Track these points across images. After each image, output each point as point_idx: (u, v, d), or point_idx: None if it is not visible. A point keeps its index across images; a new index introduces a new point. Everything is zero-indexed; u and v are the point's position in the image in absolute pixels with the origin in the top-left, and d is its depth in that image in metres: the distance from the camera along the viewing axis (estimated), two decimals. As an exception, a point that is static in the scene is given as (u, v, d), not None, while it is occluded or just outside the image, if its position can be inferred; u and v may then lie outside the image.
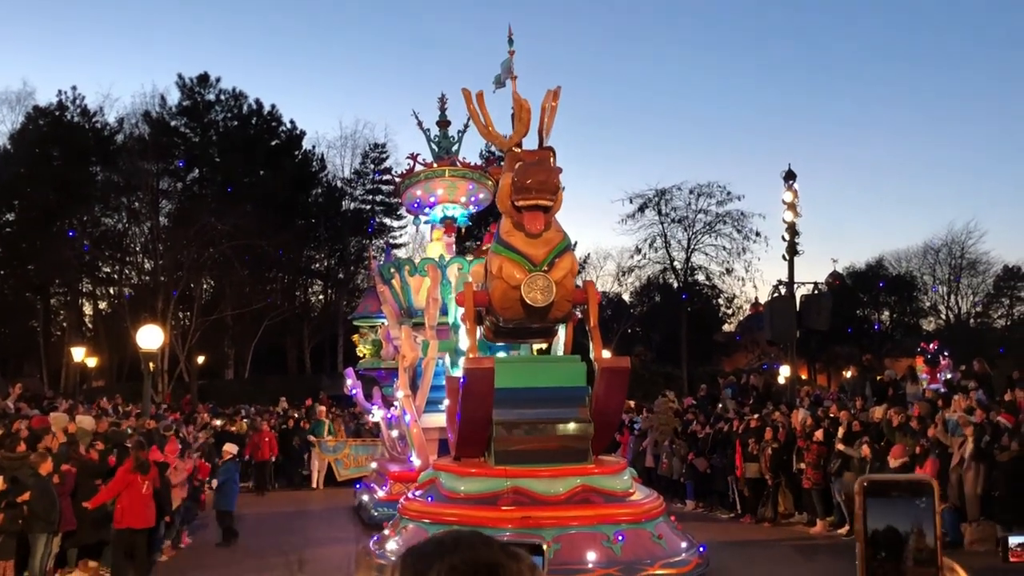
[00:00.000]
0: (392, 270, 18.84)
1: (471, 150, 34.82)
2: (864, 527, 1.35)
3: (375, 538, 11.66)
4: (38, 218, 46.44)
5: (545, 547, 1.64)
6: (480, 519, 9.35)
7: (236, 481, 16.92)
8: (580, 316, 11.00)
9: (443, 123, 20.58)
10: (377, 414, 19.62)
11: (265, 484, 24.53)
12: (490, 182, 17.30)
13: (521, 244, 9.62)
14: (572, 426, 9.84)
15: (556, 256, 9.76)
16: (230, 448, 16.93)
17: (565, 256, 9.87)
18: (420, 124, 20.45)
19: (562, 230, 10.00)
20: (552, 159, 9.73)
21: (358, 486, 20.83)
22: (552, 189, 9.25)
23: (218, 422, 26.82)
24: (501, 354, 14.67)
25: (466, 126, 20.25)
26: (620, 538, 9.42)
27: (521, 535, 8.44)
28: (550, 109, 10.06)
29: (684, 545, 10.35)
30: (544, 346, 14.23)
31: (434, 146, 20.39)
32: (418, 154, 20.18)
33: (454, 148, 20.42)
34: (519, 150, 9.95)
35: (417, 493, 11.03)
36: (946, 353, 24.86)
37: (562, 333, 11.45)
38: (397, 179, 20.62)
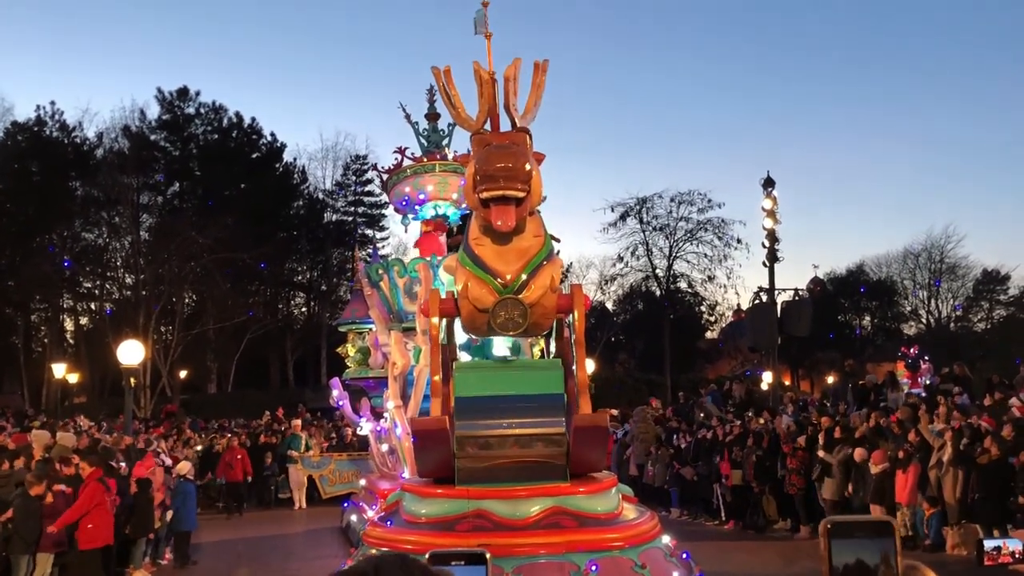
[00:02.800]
0: (380, 271, 17.65)
1: (464, 144, 34.34)
2: (829, 567, 1.37)
3: (342, 565, 10.83)
4: (18, 234, 46.21)
5: (488, 557, 1.65)
6: (435, 547, 7.94)
7: (193, 500, 16.47)
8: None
9: (432, 116, 19.34)
10: (366, 427, 18.39)
11: (240, 506, 23.36)
12: None
13: (490, 257, 8.23)
14: (545, 439, 8.48)
15: (531, 272, 8.26)
16: (184, 466, 16.61)
17: (542, 271, 8.30)
18: (408, 117, 19.23)
19: (542, 231, 8.51)
20: (527, 143, 8.30)
21: (346, 505, 20.09)
22: (523, 176, 7.71)
23: (199, 447, 25.43)
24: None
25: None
26: (593, 568, 8.25)
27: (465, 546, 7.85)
28: (535, 86, 8.65)
29: (676, 575, 9.03)
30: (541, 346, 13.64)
31: (423, 140, 19.22)
32: (406, 148, 18.84)
33: (444, 142, 19.18)
34: (486, 133, 8.47)
35: (380, 517, 9.98)
36: (926, 357, 25.01)
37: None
38: (384, 175, 19.38)
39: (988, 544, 3.23)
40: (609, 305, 56.08)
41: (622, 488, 9.48)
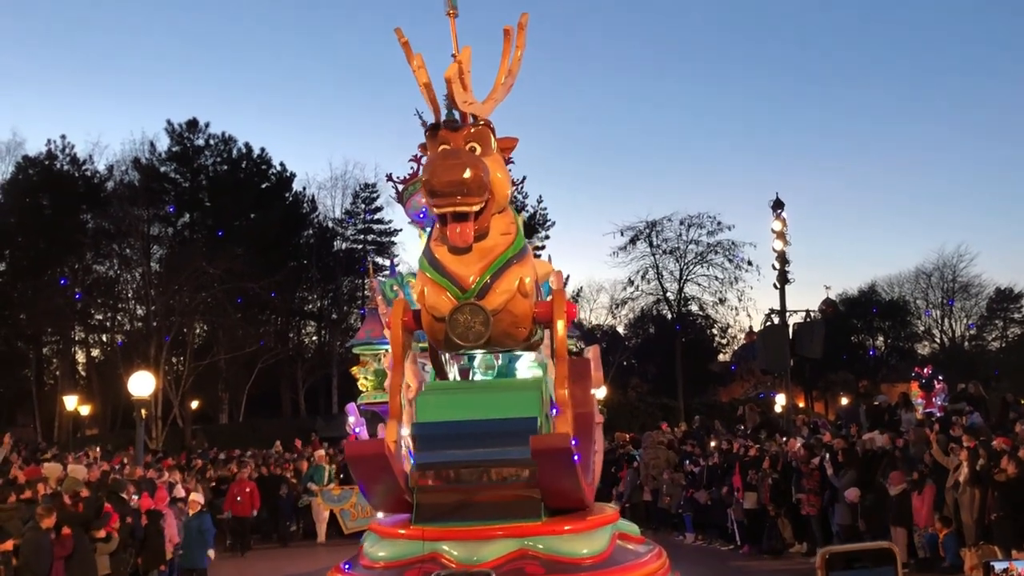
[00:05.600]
0: (395, 287, 16.45)
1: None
2: None
3: None
4: (30, 267, 46.48)
5: None
6: None
7: (211, 534, 16.14)
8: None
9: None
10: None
11: (248, 542, 22.14)
12: None
13: (448, 260, 7.12)
14: (515, 470, 7.29)
15: (494, 274, 7.08)
16: (197, 499, 16.36)
17: (508, 273, 7.10)
18: (424, 124, 18.83)
19: (512, 227, 7.29)
20: (488, 139, 7.16)
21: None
22: (477, 188, 6.63)
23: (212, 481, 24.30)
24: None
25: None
26: None
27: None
28: (506, 54, 7.37)
29: None
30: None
31: None
32: (422, 156, 18.34)
33: None
34: (442, 128, 7.28)
35: (346, 561, 8.63)
36: (940, 377, 24.86)
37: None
38: (399, 186, 18.98)
39: (997, 566, 3.16)
40: (620, 329, 56.05)
41: (622, 525, 8.13)
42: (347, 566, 7.97)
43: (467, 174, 6.56)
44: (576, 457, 6.89)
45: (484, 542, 7.18)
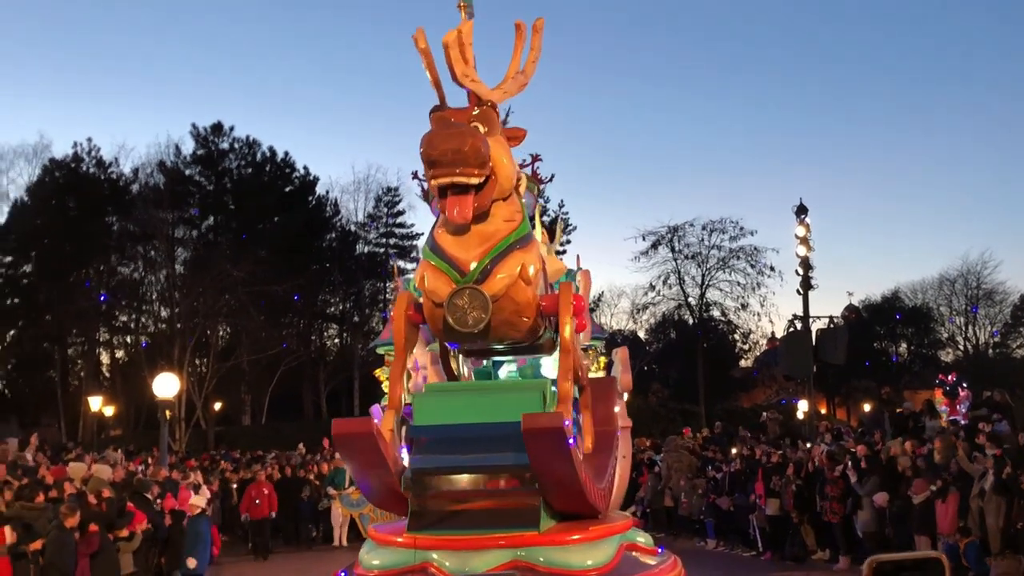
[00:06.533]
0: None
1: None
2: None
3: None
4: (55, 269, 46.87)
5: None
6: None
7: (207, 541, 15.94)
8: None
9: None
10: (406, 457, 17.41)
11: (266, 546, 21.82)
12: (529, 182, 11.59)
13: (449, 244, 6.77)
14: (512, 476, 6.91)
15: (495, 258, 6.69)
16: (197, 502, 16.07)
17: (510, 257, 6.72)
18: None
19: (517, 215, 6.90)
20: (492, 119, 6.77)
21: None
22: (475, 160, 6.26)
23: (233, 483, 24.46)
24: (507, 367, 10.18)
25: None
26: None
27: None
28: (518, 51, 7.08)
29: None
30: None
31: None
32: None
33: None
34: (447, 110, 6.87)
35: (343, 569, 8.05)
36: (964, 384, 24.63)
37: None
38: (424, 184, 18.80)
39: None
40: (641, 334, 55.93)
41: (632, 535, 7.60)
42: (343, 574, 7.61)
43: (465, 142, 6.25)
44: (571, 441, 6.48)
45: (477, 552, 6.76)
